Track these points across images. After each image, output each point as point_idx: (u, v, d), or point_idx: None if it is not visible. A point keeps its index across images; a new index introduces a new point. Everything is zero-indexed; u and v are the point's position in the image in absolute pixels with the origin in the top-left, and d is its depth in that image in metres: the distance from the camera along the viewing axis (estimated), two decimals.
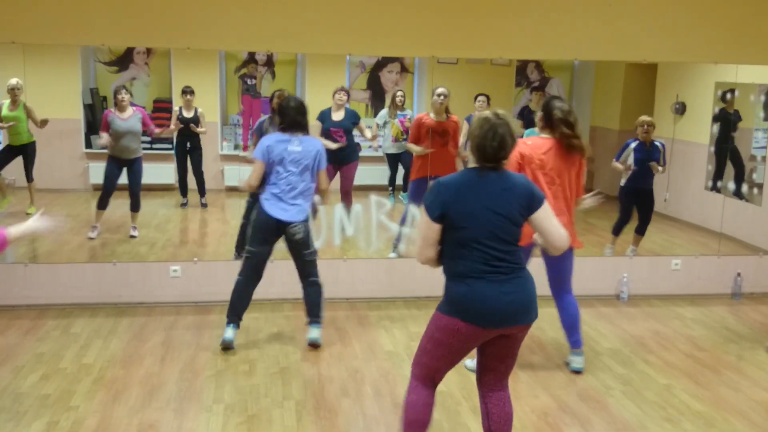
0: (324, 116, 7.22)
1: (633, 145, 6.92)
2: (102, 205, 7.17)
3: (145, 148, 8.11)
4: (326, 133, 7.14)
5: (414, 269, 5.89)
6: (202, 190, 8.10)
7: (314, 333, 5.18)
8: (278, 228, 4.98)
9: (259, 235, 5.02)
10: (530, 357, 5.10)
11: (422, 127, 6.69)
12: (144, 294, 5.98)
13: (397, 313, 5.89)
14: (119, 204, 7.44)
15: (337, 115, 7.21)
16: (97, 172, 8.26)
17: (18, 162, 7.34)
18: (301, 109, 5.00)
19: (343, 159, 7.19)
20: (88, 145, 8.43)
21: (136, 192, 7.22)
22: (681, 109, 8.21)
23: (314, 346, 5.16)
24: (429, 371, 3.32)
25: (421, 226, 3.22)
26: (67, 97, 8.23)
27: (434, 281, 6.12)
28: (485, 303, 3.11)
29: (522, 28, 6.14)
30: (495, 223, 3.12)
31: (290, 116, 4.97)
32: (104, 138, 7.00)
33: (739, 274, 6.60)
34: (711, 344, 5.44)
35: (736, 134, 7.41)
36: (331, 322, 5.66)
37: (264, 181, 4.99)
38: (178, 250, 7.21)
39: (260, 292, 5.73)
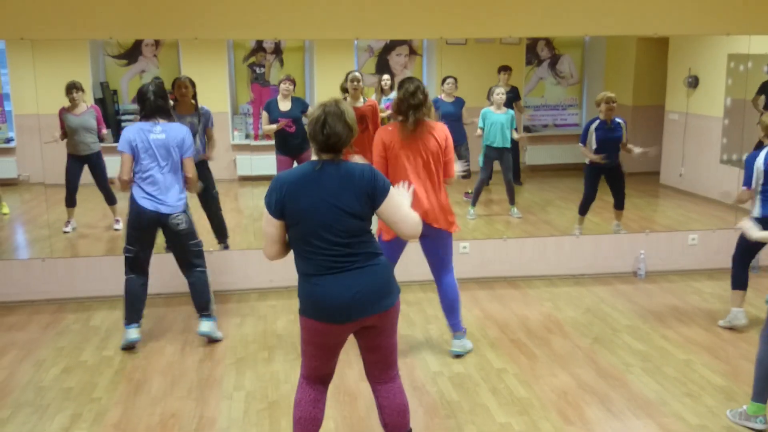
0: (270, 106, 7.14)
1: (594, 125, 6.72)
2: (69, 202, 7.16)
3: None
4: (274, 124, 7.09)
5: None
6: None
7: (206, 326, 5.02)
8: (158, 221, 4.81)
9: (136, 232, 4.83)
10: (548, 336, 5.10)
11: None
12: (162, 285, 6.01)
13: (413, 297, 5.89)
14: None
15: (284, 105, 7.09)
16: (109, 166, 8.29)
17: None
18: (160, 93, 4.78)
19: (296, 149, 7.13)
20: (99, 139, 8.45)
21: (105, 186, 7.20)
22: (694, 82, 8.13)
23: (211, 340, 5.05)
24: (310, 370, 3.27)
25: (263, 224, 3.13)
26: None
27: None
28: (329, 300, 3.04)
29: (531, 5, 6.08)
30: (334, 217, 3.02)
31: (150, 102, 4.75)
32: (54, 136, 7.02)
33: None
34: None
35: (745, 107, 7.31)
36: None
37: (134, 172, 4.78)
38: None
39: (278, 279, 5.76)
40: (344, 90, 6.75)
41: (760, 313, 5.52)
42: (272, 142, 7.19)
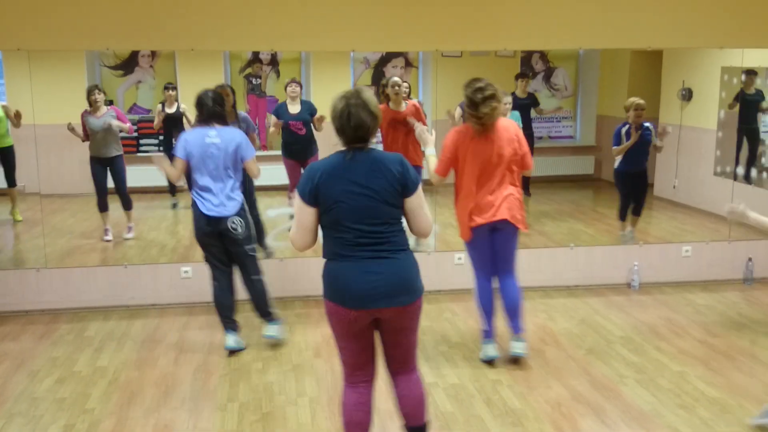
0: (279, 110, 7.17)
1: (624, 129, 6.83)
2: (102, 207, 7.21)
3: (148, 150, 8.14)
4: (284, 127, 7.11)
5: (422, 262, 5.88)
6: None
7: (271, 330, 5.13)
8: (217, 224, 4.85)
9: (203, 238, 4.90)
10: (542, 347, 5.10)
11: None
12: (156, 296, 6.01)
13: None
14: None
15: (293, 108, 7.12)
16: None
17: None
18: (218, 100, 4.86)
19: (303, 153, 7.14)
20: None
21: (123, 190, 7.24)
22: (687, 95, 8.17)
23: (276, 344, 5.13)
24: (346, 368, 3.30)
25: (296, 212, 3.18)
26: (74, 103, 8.24)
27: (443, 275, 6.14)
28: (346, 282, 3.08)
29: (525, 18, 6.13)
30: (366, 203, 3.08)
31: (207, 107, 4.83)
32: (75, 129, 7.06)
33: (750, 259, 6.58)
34: (724, 330, 5.43)
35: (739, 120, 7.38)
36: None
37: (189, 177, 4.87)
38: (188, 251, 7.23)
39: (272, 290, 5.75)
40: (386, 96, 6.84)
41: (754, 324, 5.54)
42: (266, 152, 7.20)
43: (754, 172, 7.34)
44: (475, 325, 5.50)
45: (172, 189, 8.10)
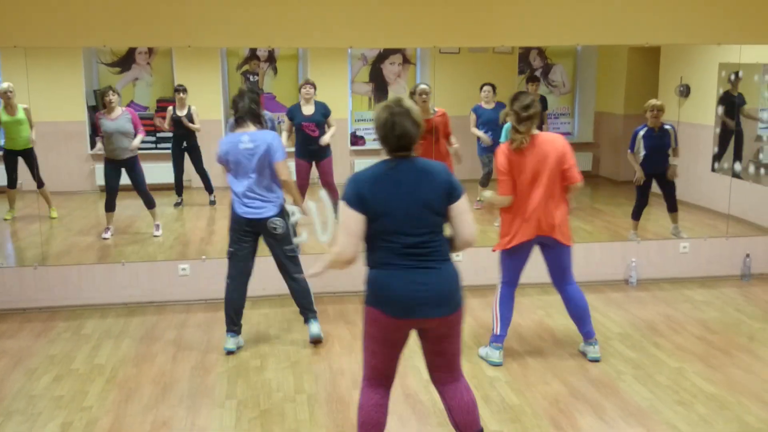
0: (293, 112, 7.16)
1: (642, 132, 6.87)
2: (109, 207, 7.18)
3: (149, 148, 8.14)
4: (298, 128, 7.11)
5: None
6: (209, 187, 8.11)
7: (315, 328, 5.13)
8: (256, 226, 4.89)
9: (237, 234, 4.93)
10: (540, 344, 5.10)
11: None
12: (153, 293, 6.00)
13: None
14: (126, 205, 7.48)
15: (307, 109, 7.12)
16: (102, 174, 8.30)
17: (24, 167, 7.36)
18: (255, 100, 4.89)
19: (316, 154, 7.15)
20: (93, 146, 8.46)
21: (143, 190, 7.22)
22: (685, 91, 8.18)
23: (317, 341, 5.13)
24: (370, 370, 3.28)
25: (343, 221, 3.16)
26: (71, 100, 8.26)
27: None
28: (392, 290, 3.09)
29: (523, 15, 6.12)
30: (412, 211, 3.08)
31: (245, 104, 4.84)
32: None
33: (748, 255, 6.58)
34: (722, 326, 5.43)
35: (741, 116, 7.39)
36: (341, 315, 5.68)
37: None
38: (186, 248, 7.24)
39: (269, 287, 5.76)
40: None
41: (752, 320, 5.54)
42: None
43: (750, 168, 7.35)
44: (472, 322, 5.50)
45: (179, 189, 8.11)
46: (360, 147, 8.89)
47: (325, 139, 7.13)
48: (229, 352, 4.98)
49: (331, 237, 6.15)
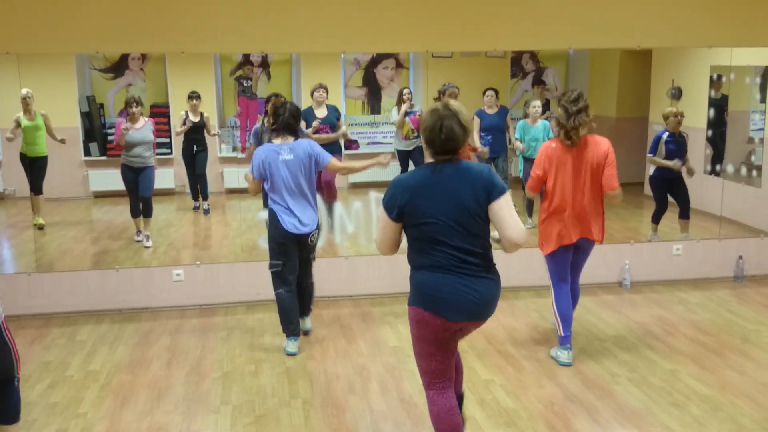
0: (307, 115, 7.19)
1: (665, 136, 6.94)
2: (134, 213, 7.26)
3: None
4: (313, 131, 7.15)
5: None
6: (204, 194, 8.10)
7: (308, 324, 5.38)
8: (296, 237, 4.96)
9: (280, 247, 4.97)
10: (534, 347, 5.11)
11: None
12: (148, 299, 6.00)
13: (400, 309, 5.90)
14: (120, 211, 7.47)
15: (320, 112, 7.21)
16: (96, 180, 8.30)
17: (21, 173, 7.35)
18: (295, 114, 4.98)
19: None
20: (87, 153, 8.45)
21: (147, 197, 7.24)
22: (677, 94, 8.21)
23: (306, 333, 5.37)
24: (434, 375, 3.30)
25: (380, 225, 3.20)
26: (64, 106, 8.25)
27: None
28: (440, 291, 3.12)
29: (515, 19, 6.14)
30: (456, 216, 3.09)
31: (284, 117, 4.92)
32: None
33: (740, 257, 6.61)
34: (715, 328, 5.45)
35: (728, 118, 7.45)
36: (336, 319, 5.68)
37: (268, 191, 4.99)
38: (180, 253, 7.23)
39: (265, 292, 5.76)
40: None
41: (745, 322, 5.56)
42: None
43: (743, 170, 7.39)
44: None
45: (195, 195, 8.12)
46: (354, 151, 8.90)
47: (343, 129, 7.40)
48: (293, 354, 5.03)
49: None
